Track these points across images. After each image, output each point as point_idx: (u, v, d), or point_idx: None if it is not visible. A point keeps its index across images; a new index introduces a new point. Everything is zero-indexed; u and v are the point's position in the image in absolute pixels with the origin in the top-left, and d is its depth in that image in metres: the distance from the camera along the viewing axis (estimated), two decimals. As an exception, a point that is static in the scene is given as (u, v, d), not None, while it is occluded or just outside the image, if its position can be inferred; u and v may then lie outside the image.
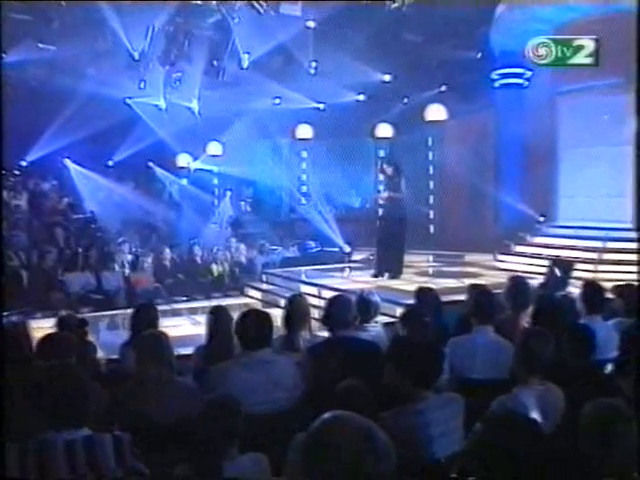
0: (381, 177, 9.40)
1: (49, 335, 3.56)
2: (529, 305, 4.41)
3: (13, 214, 12.28)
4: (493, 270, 10.64)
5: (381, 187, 9.88)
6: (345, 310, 3.70)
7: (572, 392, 2.87)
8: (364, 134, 16.09)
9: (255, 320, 3.30)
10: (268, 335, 3.30)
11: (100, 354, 4.65)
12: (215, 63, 12.36)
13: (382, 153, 16.22)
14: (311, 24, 13.26)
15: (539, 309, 4.00)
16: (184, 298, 10.04)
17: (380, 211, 9.62)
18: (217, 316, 3.96)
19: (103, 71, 13.49)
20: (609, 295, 4.82)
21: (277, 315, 8.31)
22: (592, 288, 4.45)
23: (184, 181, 16.56)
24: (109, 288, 9.66)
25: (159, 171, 16.39)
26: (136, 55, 12.12)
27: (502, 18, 11.90)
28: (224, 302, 9.85)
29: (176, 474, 2.25)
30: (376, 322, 4.47)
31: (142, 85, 13.50)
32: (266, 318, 3.36)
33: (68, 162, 15.28)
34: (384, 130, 15.99)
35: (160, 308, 9.39)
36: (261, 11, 10.32)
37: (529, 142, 12.41)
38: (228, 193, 16.08)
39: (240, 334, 3.29)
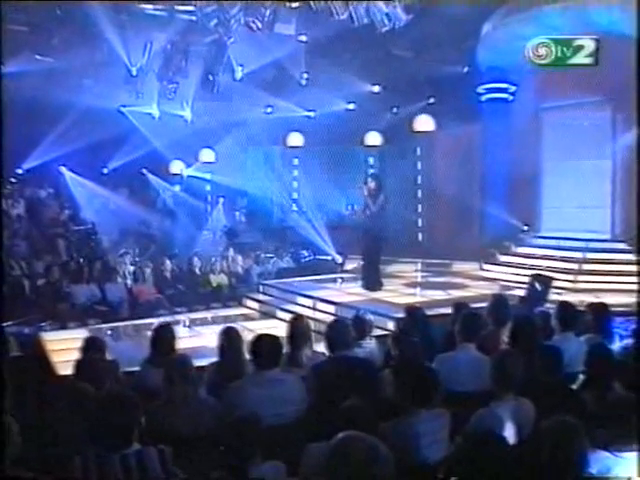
0: (365, 192, 9.67)
1: (88, 360, 3.93)
2: (509, 321, 4.88)
3: (13, 223, 12.53)
4: (479, 280, 11.09)
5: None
6: (344, 332, 4.16)
7: (541, 406, 3.32)
8: (354, 142, 16.43)
9: (267, 343, 3.75)
10: (278, 356, 3.75)
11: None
12: (210, 77, 12.72)
13: (371, 161, 16.66)
14: (303, 38, 13.69)
15: (516, 328, 4.46)
16: (185, 309, 10.32)
17: (362, 226, 9.91)
18: (229, 335, 4.39)
19: (100, 83, 13.75)
20: (583, 311, 5.28)
21: (274, 326, 8.74)
22: (566, 307, 4.93)
23: (177, 188, 16.82)
24: (113, 299, 9.92)
25: (153, 178, 16.62)
26: (134, 71, 12.44)
27: (488, 36, 12.41)
28: (223, 313, 10.27)
29: (210, 478, 2.67)
30: (371, 338, 4.93)
31: (139, 96, 13.79)
32: (276, 341, 3.81)
33: (64, 170, 15.48)
34: (373, 138, 16.38)
35: (161, 320, 9.71)
36: (255, 29, 10.70)
37: (514, 154, 12.86)
38: (221, 200, 16.38)
39: (253, 355, 3.74)
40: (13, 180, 14.96)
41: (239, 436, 2.69)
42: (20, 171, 15.27)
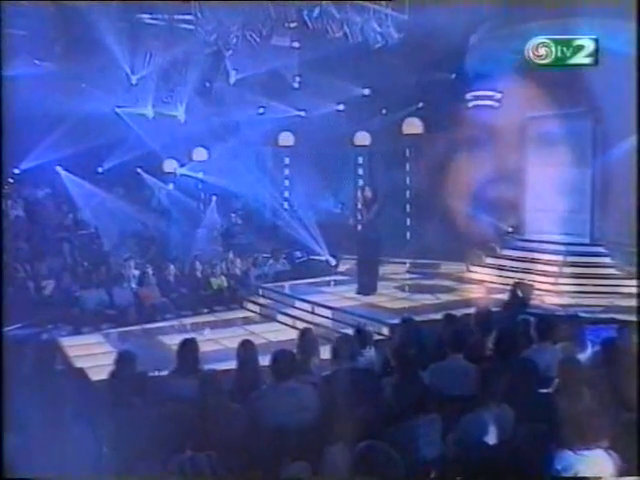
0: (360, 199, 10.12)
1: (125, 373, 4.43)
2: (493, 330, 5.48)
3: (13, 225, 12.83)
4: (466, 283, 11.69)
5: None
6: (349, 346, 4.74)
7: (519, 411, 3.90)
8: (344, 142, 16.82)
9: (285, 358, 4.29)
10: (294, 368, 4.30)
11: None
12: (207, 84, 13.14)
13: (361, 160, 17.12)
14: (296, 44, 14.18)
15: (498, 340, 5.04)
16: (189, 312, 10.73)
17: (357, 233, 10.45)
18: (246, 347, 4.94)
19: (98, 88, 14.06)
20: (560, 319, 5.88)
21: (276, 329, 9.23)
22: (544, 320, 5.54)
23: (170, 186, 17.13)
24: (121, 304, 10.28)
25: (147, 177, 16.91)
26: (134, 79, 12.79)
27: (475, 46, 12.93)
28: (226, 316, 10.75)
29: (249, 476, 3.20)
30: (370, 347, 5.49)
31: (138, 100, 14.14)
32: (292, 356, 4.37)
33: (60, 169, 15.75)
34: (362, 138, 16.78)
35: (167, 324, 10.14)
36: (252, 42, 11.14)
37: (500, 159, 13.38)
38: (213, 198, 16.75)
39: (273, 368, 4.28)
40: (11, 180, 15.24)
41: (274, 443, 3.23)
42: (17, 171, 15.53)
